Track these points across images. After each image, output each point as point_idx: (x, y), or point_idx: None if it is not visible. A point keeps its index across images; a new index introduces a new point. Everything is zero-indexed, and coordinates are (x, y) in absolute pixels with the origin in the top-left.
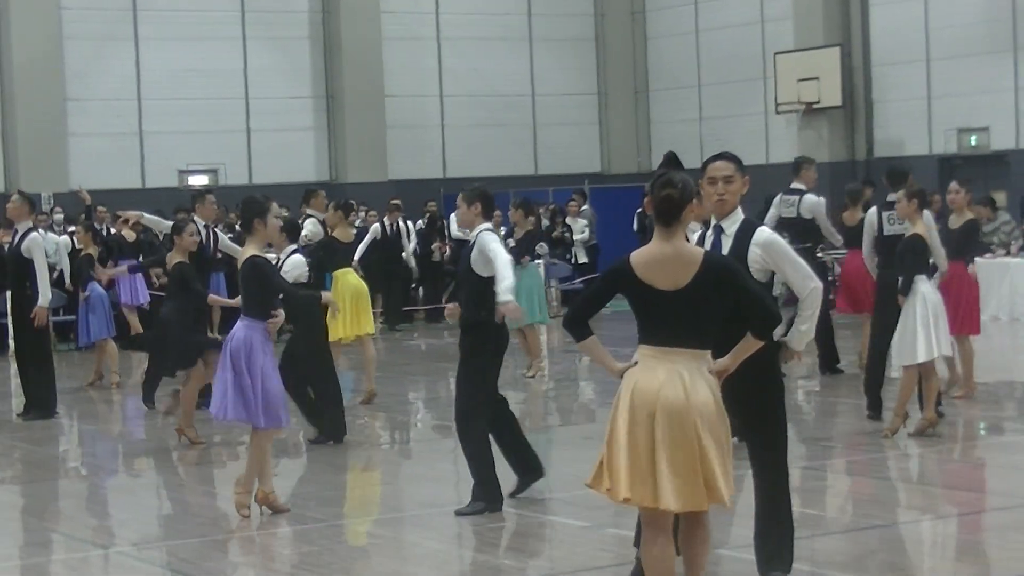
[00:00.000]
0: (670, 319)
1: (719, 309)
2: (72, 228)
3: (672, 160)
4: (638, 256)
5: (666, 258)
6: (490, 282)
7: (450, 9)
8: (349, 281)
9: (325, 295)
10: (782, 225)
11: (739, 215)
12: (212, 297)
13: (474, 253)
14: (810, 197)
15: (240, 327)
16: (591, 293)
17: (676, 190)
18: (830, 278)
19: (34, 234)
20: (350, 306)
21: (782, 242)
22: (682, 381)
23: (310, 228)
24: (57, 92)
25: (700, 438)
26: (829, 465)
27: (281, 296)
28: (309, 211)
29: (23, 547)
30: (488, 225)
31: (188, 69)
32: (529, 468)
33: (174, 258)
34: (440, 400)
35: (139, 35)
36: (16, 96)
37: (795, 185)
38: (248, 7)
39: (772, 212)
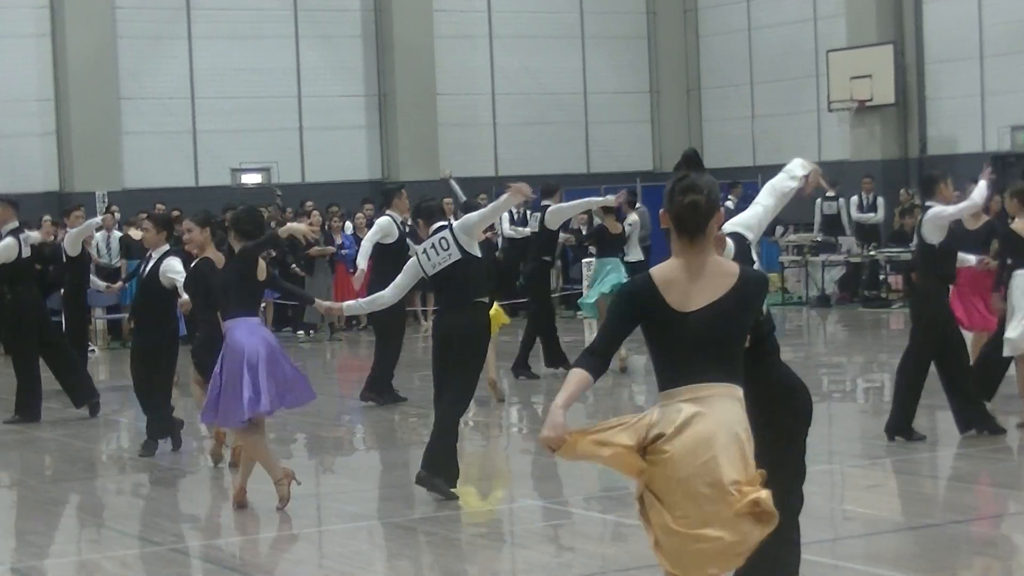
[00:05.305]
0: (697, 347)
1: (746, 330)
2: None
3: (692, 159)
4: (660, 273)
5: (695, 275)
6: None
7: (502, 7)
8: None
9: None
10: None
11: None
12: None
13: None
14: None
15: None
16: (610, 326)
17: (702, 196)
18: None
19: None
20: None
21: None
22: (733, 432)
23: (384, 227)
24: (111, 91)
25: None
26: (883, 463)
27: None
28: (389, 212)
29: (78, 543)
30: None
31: (241, 68)
32: (452, 474)
33: None
34: (479, 399)
35: (192, 34)
36: (71, 95)
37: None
38: (301, 6)
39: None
